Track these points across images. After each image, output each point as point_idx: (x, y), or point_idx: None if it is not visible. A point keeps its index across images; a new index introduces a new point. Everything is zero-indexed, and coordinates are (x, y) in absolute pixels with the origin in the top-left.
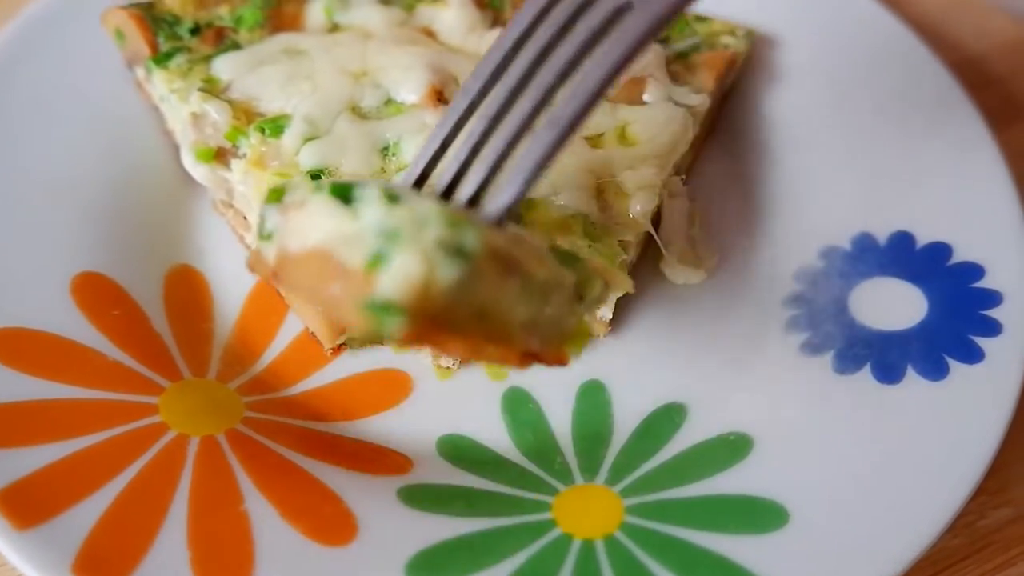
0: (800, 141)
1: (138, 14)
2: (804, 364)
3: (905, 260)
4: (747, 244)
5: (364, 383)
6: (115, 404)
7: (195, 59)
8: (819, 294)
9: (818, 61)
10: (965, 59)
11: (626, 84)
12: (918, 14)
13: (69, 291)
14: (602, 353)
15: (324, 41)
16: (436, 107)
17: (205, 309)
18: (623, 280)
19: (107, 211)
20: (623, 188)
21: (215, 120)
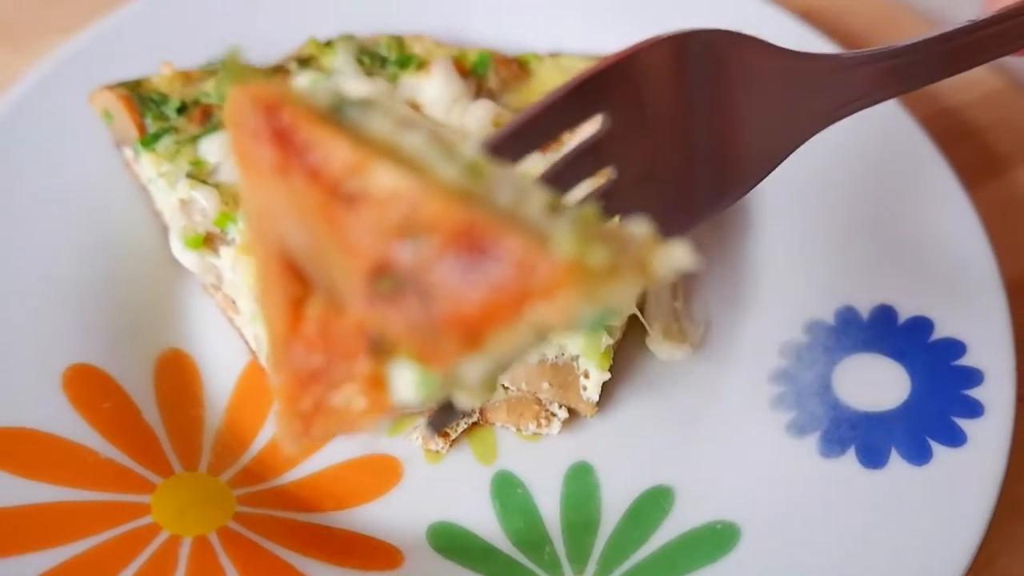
0: (781, 207)
1: (125, 95)
2: (790, 446)
3: (888, 335)
4: (732, 316)
5: (354, 469)
6: (107, 505)
7: (182, 140)
8: (804, 370)
9: None
10: (945, 110)
11: None
12: None
13: (61, 386)
14: (589, 434)
15: None
16: None
17: (195, 395)
18: (606, 365)
19: (96, 297)
20: None
21: (203, 207)
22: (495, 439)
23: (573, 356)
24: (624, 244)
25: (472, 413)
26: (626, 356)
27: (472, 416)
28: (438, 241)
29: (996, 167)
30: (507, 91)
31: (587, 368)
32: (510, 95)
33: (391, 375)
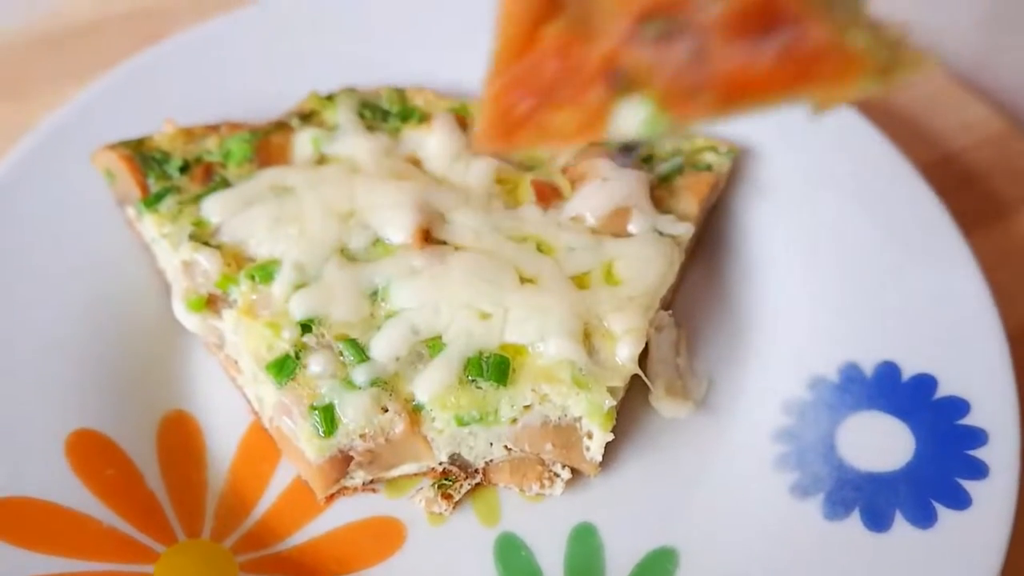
0: (784, 259)
1: (128, 155)
2: (794, 508)
3: (891, 393)
4: (735, 372)
5: (358, 532)
6: None
7: (185, 200)
8: (807, 428)
9: (799, 175)
10: (949, 155)
11: (611, 215)
12: (903, 106)
13: (64, 453)
14: (593, 493)
15: (311, 178)
16: (423, 247)
17: (198, 457)
18: (609, 426)
19: (99, 359)
20: (610, 332)
21: (205, 268)
22: (499, 500)
23: (576, 417)
24: (896, 49)
25: (476, 475)
26: (629, 413)
27: (476, 477)
28: (735, 5)
29: (1000, 212)
30: None
31: (590, 429)
32: None
33: (619, 109)
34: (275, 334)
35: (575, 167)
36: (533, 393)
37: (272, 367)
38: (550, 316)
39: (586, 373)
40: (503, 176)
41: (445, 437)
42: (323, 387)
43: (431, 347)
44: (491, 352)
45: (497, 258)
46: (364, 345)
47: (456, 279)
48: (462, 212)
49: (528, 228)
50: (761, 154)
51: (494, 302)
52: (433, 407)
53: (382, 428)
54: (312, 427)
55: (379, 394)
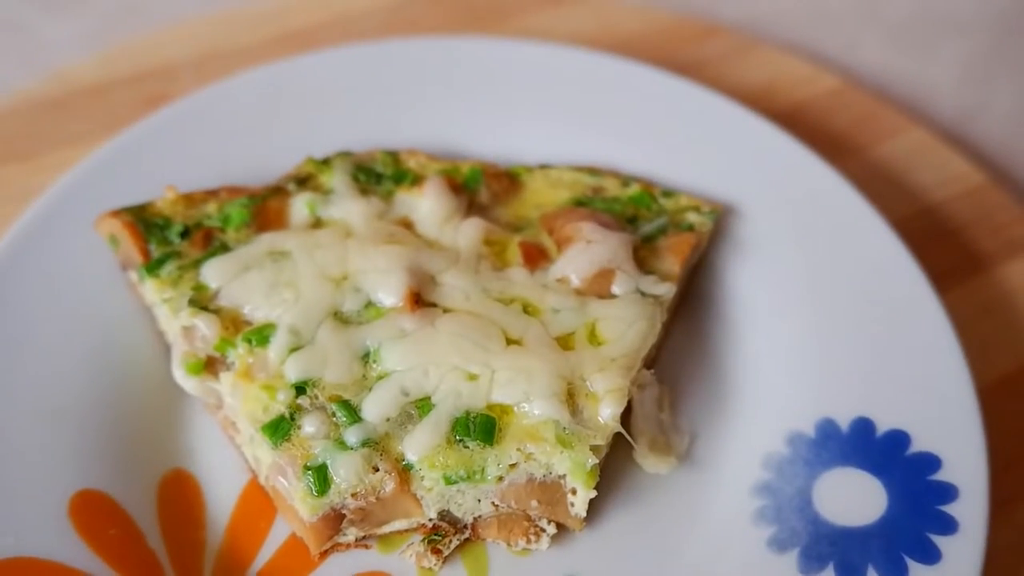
0: (764, 316)
1: (130, 221)
2: (771, 563)
3: (866, 449)
4: (716, 427)
5: None
6: None
7: (185, 265)
8: (785, 483)
9: (779, 233)
10: (928, 208)
11: (595, 277)
12: (883, 159)
13: (67, 513)
14: (578, 548)
15: (306, 242)
16: (413, 310)
17: (197, 516)
18: (592, 483)
19: (101, 419)
20: (593, 392)
21: (204, 334)
22: (487, 555)
23: (560, 475)
24: None
25: (464, 530)
26: (613, 469)
27: (464, 533)
28: None
29: (979, 265)
30: (498, 204)
31: (574, 486)
32: (501, 208)
33: None
34: (270, 396)
35: (561, 229)
36: (518, 452)
37: (267, 428)
38: (535, 377)
39: (570, 432)
40: (492, 238)
41: (434, 495)
42: (316, 447)
43: (420, 408)
44: (478, 412)
45: (484, 320)
46: (356, 406)
47: (444, 341)
48: (452, 274)
49: (515, 290)
50: (743, 213)
51: (481, 364)
52: (422, 466)
53: (373, 487)
54: (306, 487)
55: (370, 454)
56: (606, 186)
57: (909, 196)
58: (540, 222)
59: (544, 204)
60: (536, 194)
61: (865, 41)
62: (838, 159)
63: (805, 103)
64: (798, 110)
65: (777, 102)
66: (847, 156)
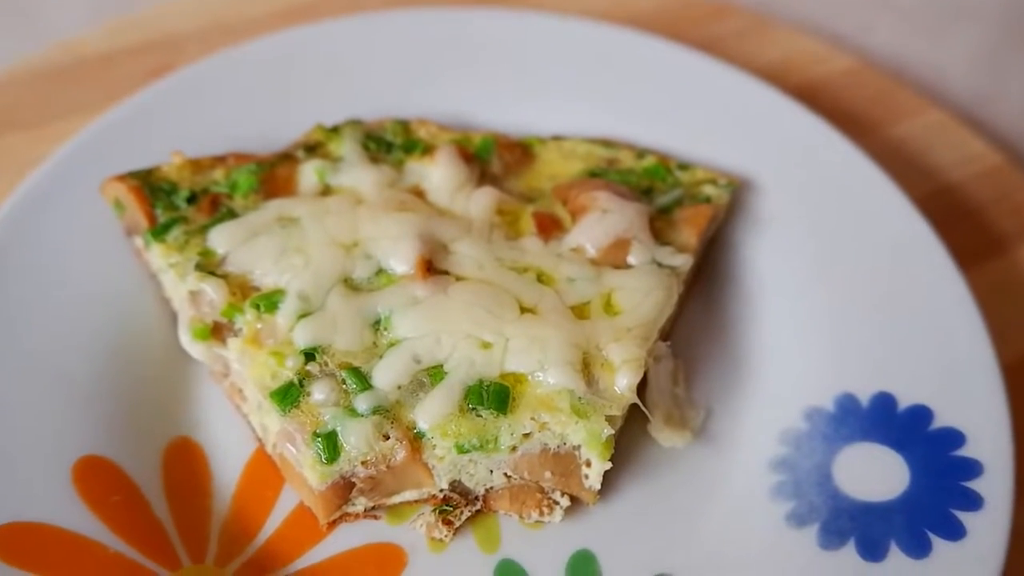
0: (781, 291)
1: (136, 185)
2: (790, 538)
3: (887, 424)
4: (732, 402)
5: (359, 559)
6: None
7: (192, 230)
8: (803, 458)
9: (797, 207)
10: (946, 187)
11: (611, 247)
12: (899, 139)
13: (71, 479)
14: (592, 521)
15: (316, 208)
16: (425, 278)
17: (203, 484)
18: (607, 455)
19: (106, 386)
20: (609, 362)
21: (212, 298)
22: (499, 527)
23: (575, 445)
24: None
25: (476, 501)
26: (627, 442)
27: (476, 504)
28: None
29: (997, 245)
30: (510, 175)
31: (589, 457)
32: (514, 180)
33: None
34: (279, 363)
35: (575, 199)
36: (532, 421)
37: (276, 395)
38: (550, 346)
39: (585, 402)
40: (504, 208)
41: (446, 464)
42: (326, 415)
43: (432, 376)
44: (491, 381)
45: (498, 288)
46: (366, 373)
47: (457, 309)
48: (464, 243)
49: (529, 259)
50: (760, 187)
51: (495, 332)
52: (434, 435)
53: (384, 455)
54: (315, 454)
55: (381, 422)
56: (620, 158)
57: (926, 176)
58: (553, 193)
59: (557, 175)
60: (549, 165)
61: (879, 24)
62: (854, 138)
63: (819, 82)
64: (812, 89)
65: (791, 80)
66: (863, 135)
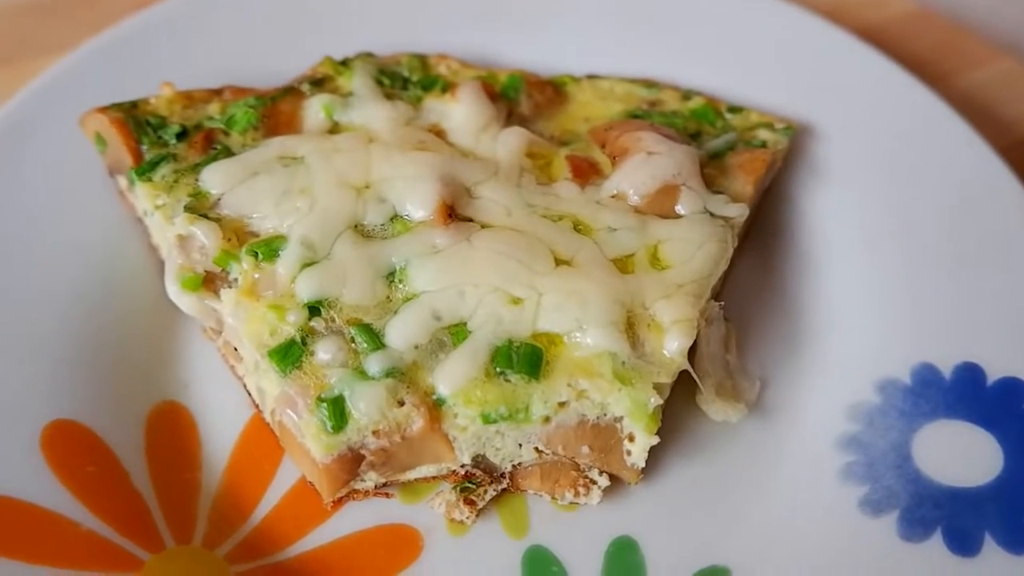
0: (847, 247)
1: (119, 118)
2: (864, 527)
3: (974, 400)
4: (791, 372)
5: (368, 542)
6: None
7: (182, 169)
8: (877, 437)
9: (864, 156)
10: (1020, 141)
11: (657, 193)
12: (968, 89)
13: (39, 446)
14: (633, 505)
15: (323, 146)
16: (446, 224)
17: (191, 455)
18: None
19: (82, 342)
20: (656, 321)
21: (203, 244)
22: (527, 509)
23: (617, 417)
24: None
25: (502, 479)
26: (673, 415)
27: (502, 482)
28: None
29: None
30: (540, 117)
31: (632, 431)
32: (544, 121)
33: None
34: (279, 317)
35: (616, 140)
36: (569, 389)
37: (275, 354)
38: (589, 302)
39: (629, 367)
40: (535, 150)
41: (469, 436)
42: (332, 377)
43: (454, 335)
44: (522, 341)
45: (529, 237)
46: (379, 331)
47: (483, 260)
48: (490, 187)
49: (564, 206)
50: (821, 132)
51: (526, 286)
52: (456, 402)
53: (398, 424)
54: (319, 422)
55: (395, 386)
56: (664, 99)
57: (1000, 128)
58: (589, 135)
59: (593, 117)
60: (584, 107)
61: None
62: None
63: (876, 28)
64: (868, 35)
65: (844, 24)
66: (928, 84)
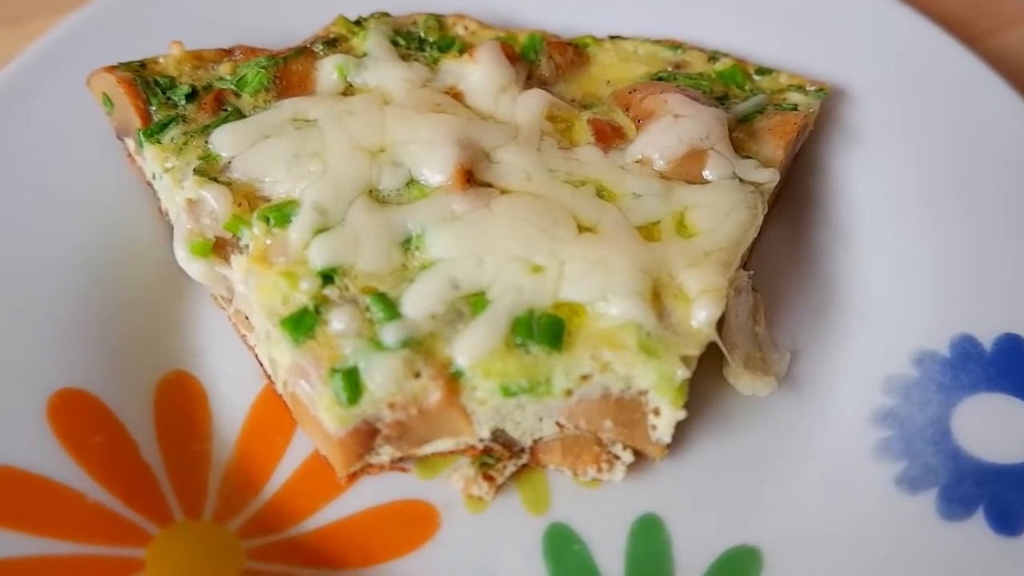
0: (881, 214)
1: (128, 78)
2: (901, 504)
3: (1018, 372)
4: (822, 344)
5: (383, 518)
6: (94, 560)
7: (192, 131)
8: (915, 411)
9: (899, 118)
10: None
11: (684, 158)
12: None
13: (45, 415)
14: (659, 481)
15: (336, 108)
16: (464, 190)
17: (202, 426)
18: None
19: (89, 309)
20: (684, 291)
21: (213, 208)
22: (548, 485)
23: (642, 390)
24: None
25: (522, 454)
26: (700, 388)
27: (522, 458)
28: None
29: None
30: (561, 79)
31: (658, 405)
32: (565, 84)
33: None
34: (291, 285)
35: (640, 103)
36: (592, 360)
37: (287, 323)
38: (613, 271)
39: (655, 338)
40: (556, 113)
41: (488, 410)
42: (346, 347)
43: (473, 304)
44: (543, 311)
45: (551, 203)
46: (395, 300)
47: (503, 226)
48: (510, 150)
49: (586, 171)
50: (854, 94)
51: (547, 253)
52: (474, 374)
53: (414, 396)
54: (333, 393)
55: (411, 357)
56: (689, 60)
57: None
58: (613, 99)
59: (616, 80)
60: (606, 69)
61: None
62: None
63: None
64: None
65: None
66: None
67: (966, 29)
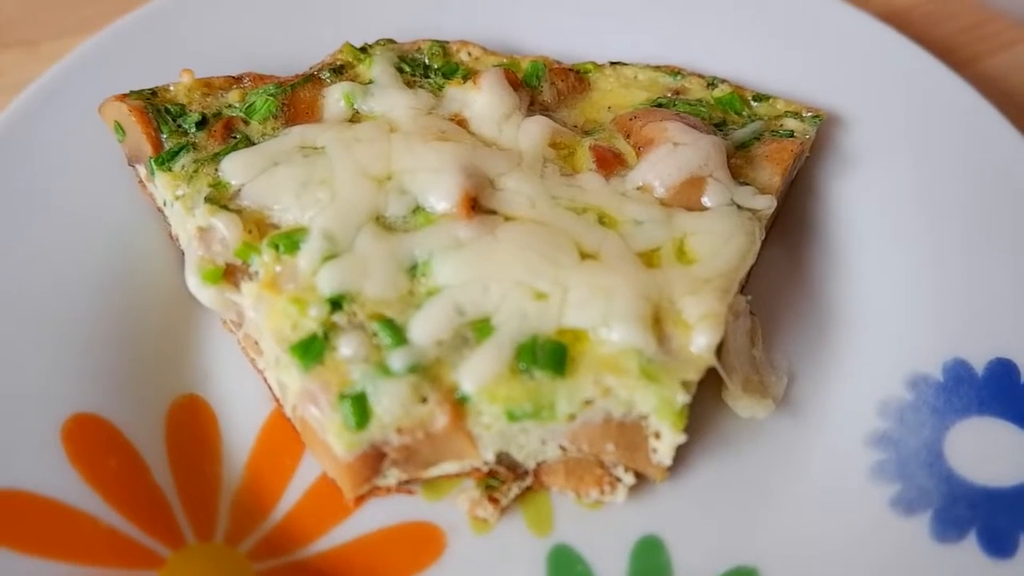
0: (875, 238)
1: (139, 106)
2: (896, 526)
3: (1008, 397)
4: (819, 367)
5: (390, 540)
6: None
7: (202, 159)
8: (909, 434)
9: (893, 144)
10: None
11: (683, 185)
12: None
13: (60, 440)
14: (660, 503)
15: (343, 136)
16: (470, 217)
17: (213, 448)
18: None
19: (102, 334)
20: (683, 317)
21: (223, 235)
22: (551, 507)
23: (643, 414)
24: None
25: (526, 476)
26: (700, 412)
27: (526, 480)
28: None
29: None
30: (563, 105)
31: (659, 428)
32: (567, 109)
33: None
34: (301, 311)
35: (641, 130)
36: (595, 386)
37: (297, 349)
38: (615, 297)
39: (656, 364)
40: (558, 140)
41: (493, 433)
42: (354, 373)
43: (478, 330)
44: (547, 337)
45: (554, 230)
46: (402, 326)
47: (507, 253)
48: (513, 178)
49: (588, 198)
50: (849, 120)
51: (551, 280)
52: (480, 399)
53: (421, 421)
54: (341, 418)
55: (418, 382)
56: (688, 87)
57: None
58: (613, 124)
59: (617, 106)
60: (607, 95)
61: None
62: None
63: (902, 10)
64: (894, 17)
65: (871, 5)
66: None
67: (961, 52)
